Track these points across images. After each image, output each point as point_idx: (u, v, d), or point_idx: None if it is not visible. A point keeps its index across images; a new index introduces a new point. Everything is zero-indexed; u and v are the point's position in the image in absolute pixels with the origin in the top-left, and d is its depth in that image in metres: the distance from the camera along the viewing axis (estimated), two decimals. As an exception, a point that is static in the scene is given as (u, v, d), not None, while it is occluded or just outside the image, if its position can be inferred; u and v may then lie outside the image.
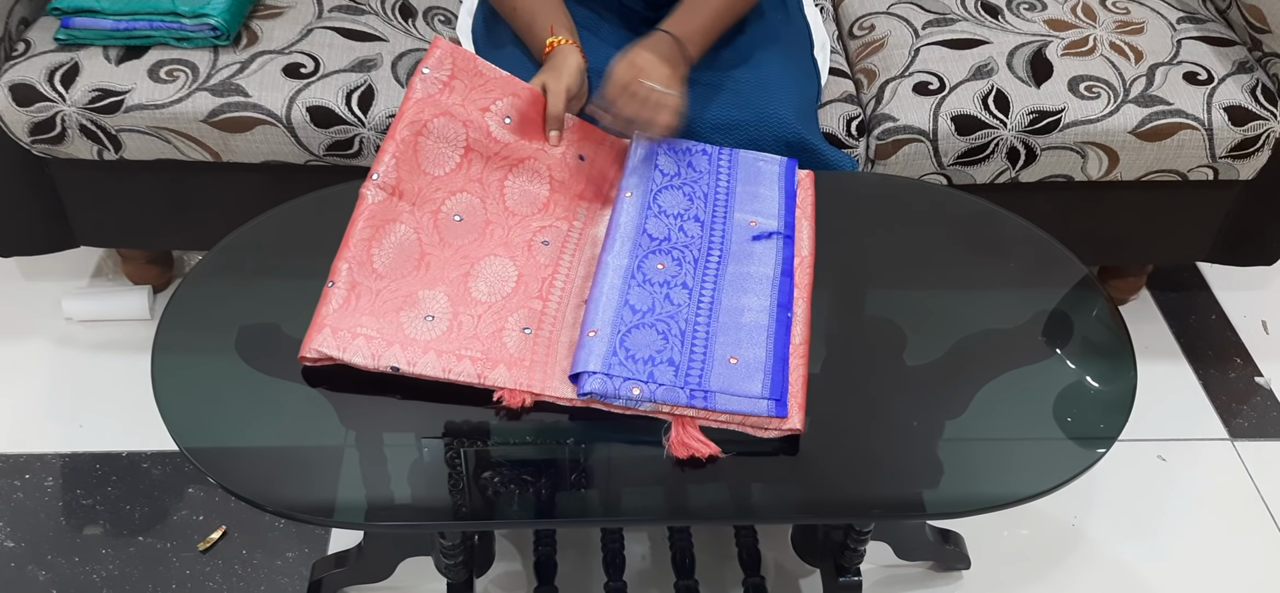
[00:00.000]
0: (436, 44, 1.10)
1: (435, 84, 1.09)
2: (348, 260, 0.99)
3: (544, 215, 1.10)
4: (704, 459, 0.91)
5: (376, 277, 1.00)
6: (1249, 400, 1.64)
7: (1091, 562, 1.40)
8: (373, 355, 0.94)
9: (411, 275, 1.02)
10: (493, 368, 0.95)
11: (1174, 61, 1.47)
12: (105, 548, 1.35)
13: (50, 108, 1.35)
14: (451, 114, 1.08)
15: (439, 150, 1.07)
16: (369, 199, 1.03)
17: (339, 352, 0.93)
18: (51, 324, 1.65)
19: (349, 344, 0.94)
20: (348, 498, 0.90)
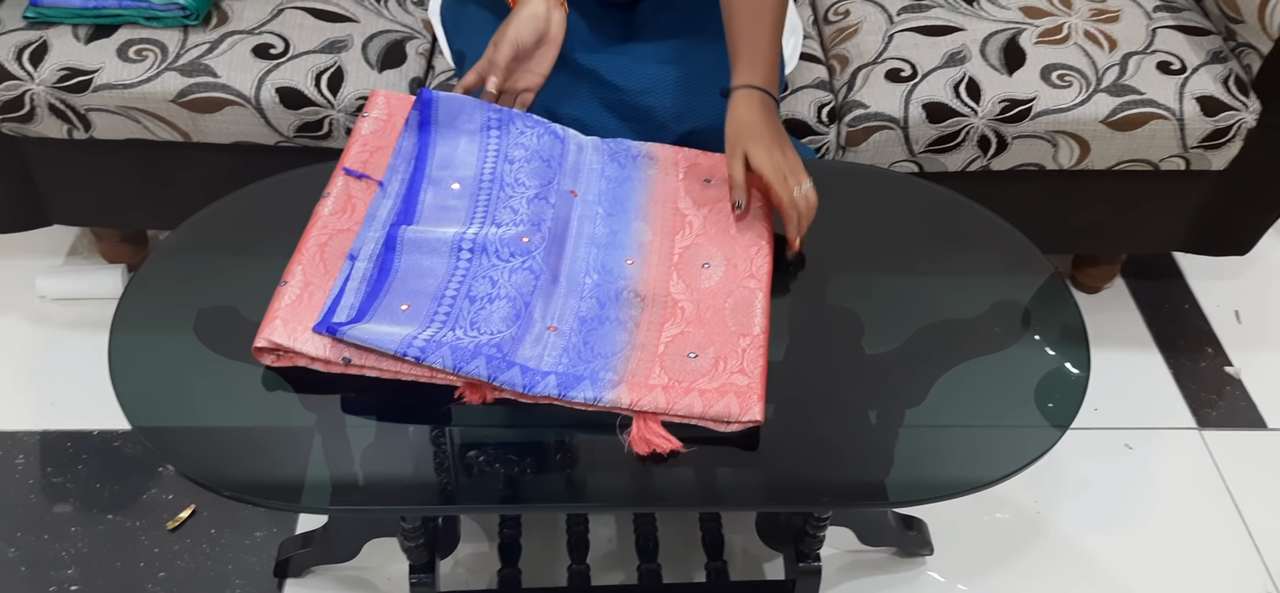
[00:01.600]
0: (373, 96, 1.15)
1: (379, 123, 1.13)
2: (302, 262, 0.99)
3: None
4: (665, 454, 0.91)
5: (329, 277, 0.99)
6: (1218, 390, 1.64)
7: (1055, 549, 1.41)
8: (324, 347, 0.93)
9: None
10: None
11: (1148, 50, 1.47)
12: (75, 526, 1.36)
13: (19, 86, 1.35)
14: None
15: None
16: (324, 213, 1.04)
17: (290, 341, 0.93)
18: (25, 302, 1.65)
19: (299, 336, 0.94)
20: (310, 482, 0.91)
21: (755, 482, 0.97)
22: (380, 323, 0.94)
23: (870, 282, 1.12)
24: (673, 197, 1.12)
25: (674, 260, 1.06)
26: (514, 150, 1.10)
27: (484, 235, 1.02)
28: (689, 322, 1.00)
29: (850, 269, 1.13)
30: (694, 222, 1.09)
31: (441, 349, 0.91)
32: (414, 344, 0.91)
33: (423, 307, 0.96)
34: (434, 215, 1.05)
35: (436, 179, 1.08)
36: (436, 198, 1.06)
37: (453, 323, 0.95)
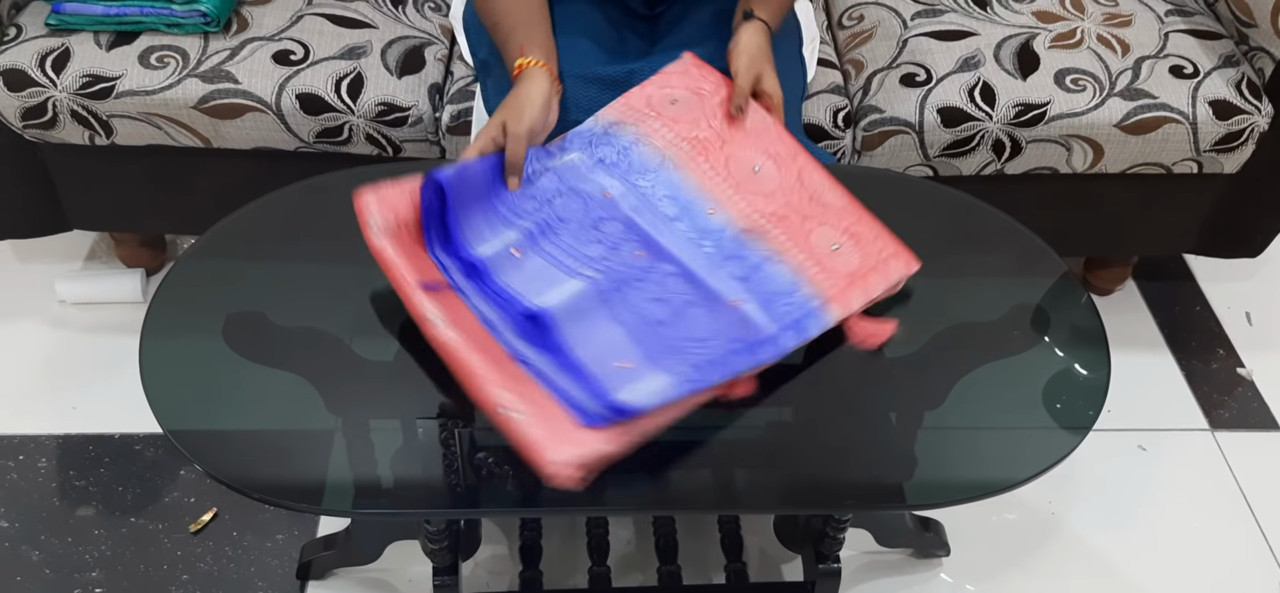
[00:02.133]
0: (363, 204, 0.98)
1: (390, 228, 0.98)
2: (500, 386, 0.88)
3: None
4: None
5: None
6: (1230, 392, 1.65)
7: (1070, 550, 1.42)
8: (615, 437, 0.87)
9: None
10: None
11: (1160, 55, 1.48)
12: (98, 529, 1.37)
13: (41, 93, 1.36)
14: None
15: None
16: (451, 336, 0.91)
17: (586, 454, 0.85)
18: (45, 307, 1.66)
19: (586, 443, 0.86)
20: (334, 484, 0.92)
21: (774, 485, 0.98)
22: (638, 383, 0.90)
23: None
24: (673, 134, 1.12)
25: (732, 183, 1.08)
26: (525, 204, 1.05)
27: (607, 274, 1.00)
28: (796, 222, 1.06)
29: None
30: (709, 140, 1.11)
31: (710, 369, 0.91)
32: (686, 382, 0.90)
33: (639, 354, 0.94)
34: (534, 284, 0.99)
35: (495, 259, 1.01)
36: (520, 272, 1.00)
37: (678, 351, 0.94)
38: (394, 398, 0.98)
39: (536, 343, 0.95)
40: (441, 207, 1.00)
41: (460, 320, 0.93)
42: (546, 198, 1.06)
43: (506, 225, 1.03)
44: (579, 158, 1.09)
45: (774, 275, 1.02)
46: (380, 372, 1.00)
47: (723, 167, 1.10)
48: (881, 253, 1.06)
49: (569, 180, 1.07)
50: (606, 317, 0.98)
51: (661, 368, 0.92)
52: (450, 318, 0.92)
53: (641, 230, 1.04)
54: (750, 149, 1.12)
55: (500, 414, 0.87)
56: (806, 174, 1.11)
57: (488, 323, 0.95)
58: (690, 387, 0.90)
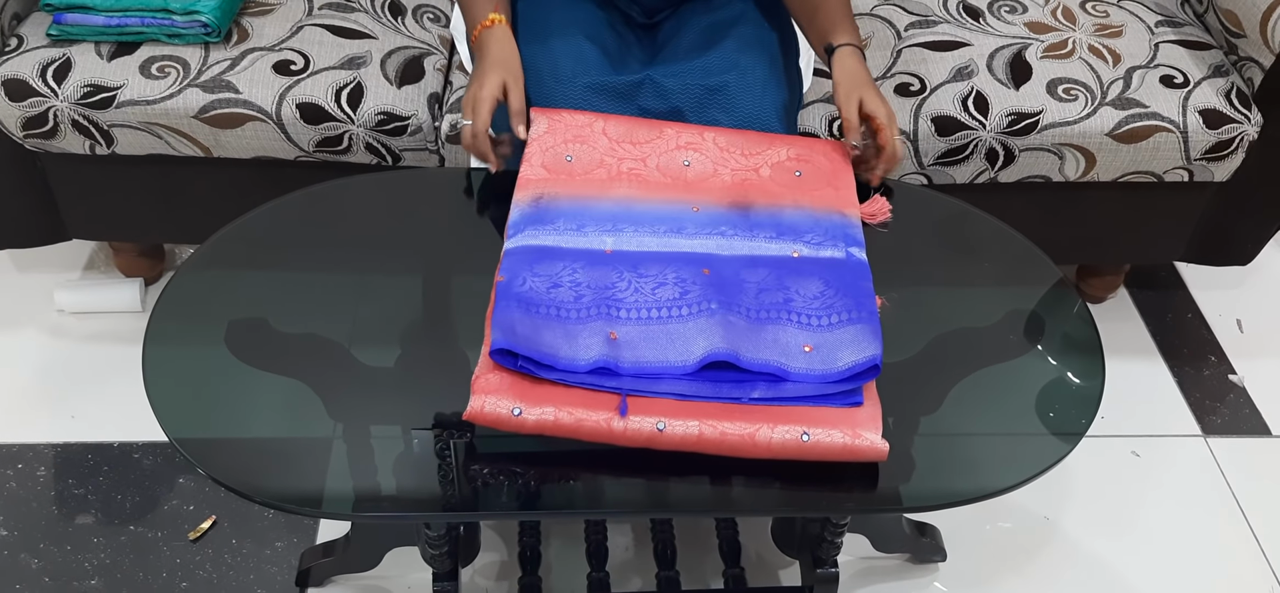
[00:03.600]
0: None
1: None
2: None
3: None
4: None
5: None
6: (1223, 398, 1.67)
7: (1065, 555, 1.43)
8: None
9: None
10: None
11: (1151, 65, 1.50)
12: (97, 537, 1.37)
13: (42, 103, 1.37)
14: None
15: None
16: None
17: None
18: (44, 316, 1.66)
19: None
20: (335, 489, 0.92)
21: (772, 488, 0.98)
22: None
23: (884, 291, 1.13)
24: (588, 180, 1.14)
25: (679, 184, 1.14)
26: (576, 300, 1.02)
27: (705, 295, 1.01)
28: (755, 179, 1.16)
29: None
30: (627, 170, 1.15)
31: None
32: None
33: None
34: (664, 346, 0.97)
35: (604, 353, 0.97)
36: (634, 347, 0.97)
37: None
38: (394, 404, 0.99)
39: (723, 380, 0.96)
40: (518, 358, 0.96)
41: None
42: (579, 285, 1.02)
43: (581, 324, 0.98)
44: (542, 241, 1.06)
45: (794, 219, 1.11)
46: (381, 378, 1.01)
47: (657, 174, 1.14)
48: (821, 150, 1.18)
49: (564, 261, 1.05)
50: (746, 321, 1.00)
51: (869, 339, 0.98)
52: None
53: (677, 256, 1.05)
54: (666, 154, 1.16)
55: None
56: (720, 137, 1.18)
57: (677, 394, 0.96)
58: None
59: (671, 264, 1.04)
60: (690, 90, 1.22)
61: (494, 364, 0.94)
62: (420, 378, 1.02)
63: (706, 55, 1.25)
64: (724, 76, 1.23)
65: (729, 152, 1.17)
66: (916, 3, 1.60)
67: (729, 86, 1.22)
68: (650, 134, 1.17)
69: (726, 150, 1.17)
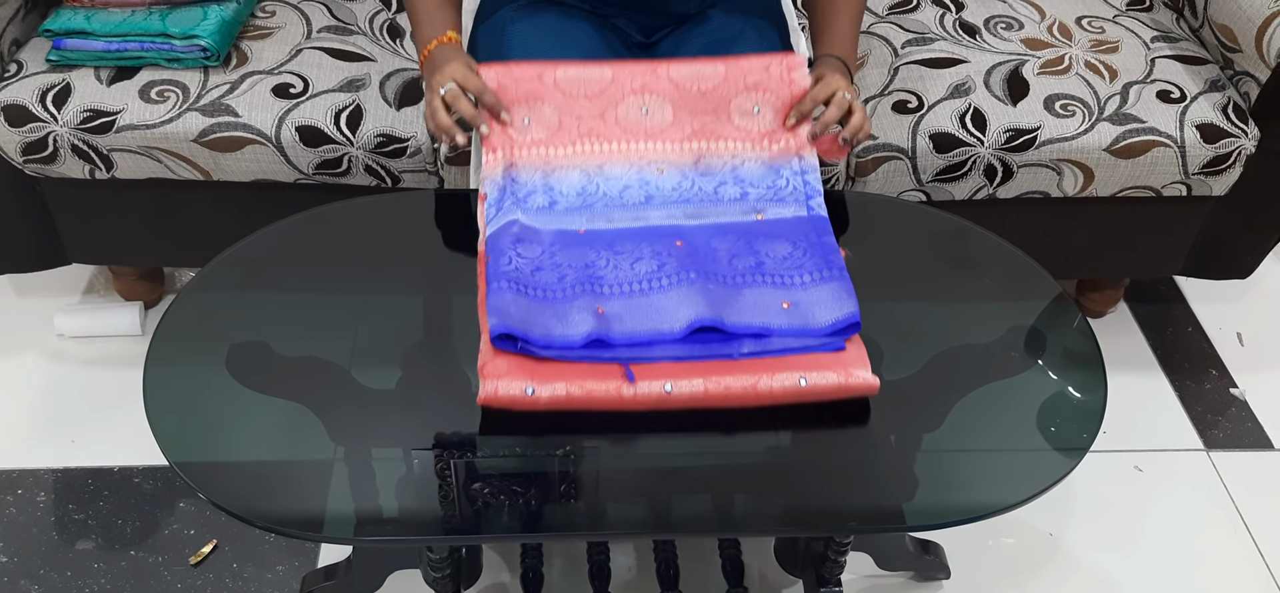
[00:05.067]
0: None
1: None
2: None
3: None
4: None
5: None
6: (1224, 412, 1.66)
7: (1069, 571, 1.43)
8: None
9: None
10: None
11: (1148, 80, 1.51)
12: (97, 563, 1.37)
13: (42, 128, 1.37)
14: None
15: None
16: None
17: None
18: (44, 340, 1.66)
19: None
20: (336, 512, 0.92)
21: (775, 508, 0.98)
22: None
23: (884, 308, 1.14)
24: (551, 147, 1.15)
25: (639, 134, 1.15)
26: (561, 280, 1.06)
27: (683, 265, 1.05)
28: (713, 118, 1.17)
29: (864, 297, 1.14)
30: (584, 125, 1.15)
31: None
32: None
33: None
34: (647, 316, 1.01)
35: (595, 328, 1.00)
36: (621, 321, 1.00)
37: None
38: (395, 426, 0.99)
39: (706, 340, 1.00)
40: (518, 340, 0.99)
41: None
42: (561, 266, 1.06)
43: (568, 302, 1.01)
44: (520, 219, 1.10)
45: (754, 175, 1.14)
46: (381, 400, 1.00)
47: (617, 130, 1.15)
48: (776, 73, 1.16)
49: (542, 244, 1.08)
50: (723, 288, 1.03)
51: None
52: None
53: (650, 231, 1.09)
54: (623, 103, 1.15)
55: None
56: (674, 71, 1.16)
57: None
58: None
59: (645, 240, 1.08)
60: None
61: (496, 349, 0.96)
62: (421, 400, 1.02)
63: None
64: None
65: (685, 90, 1.15)
66: (913, 21, 1.61)
67: None
68: (603, 81, 1.15)
69: (682, 89, 1.15)
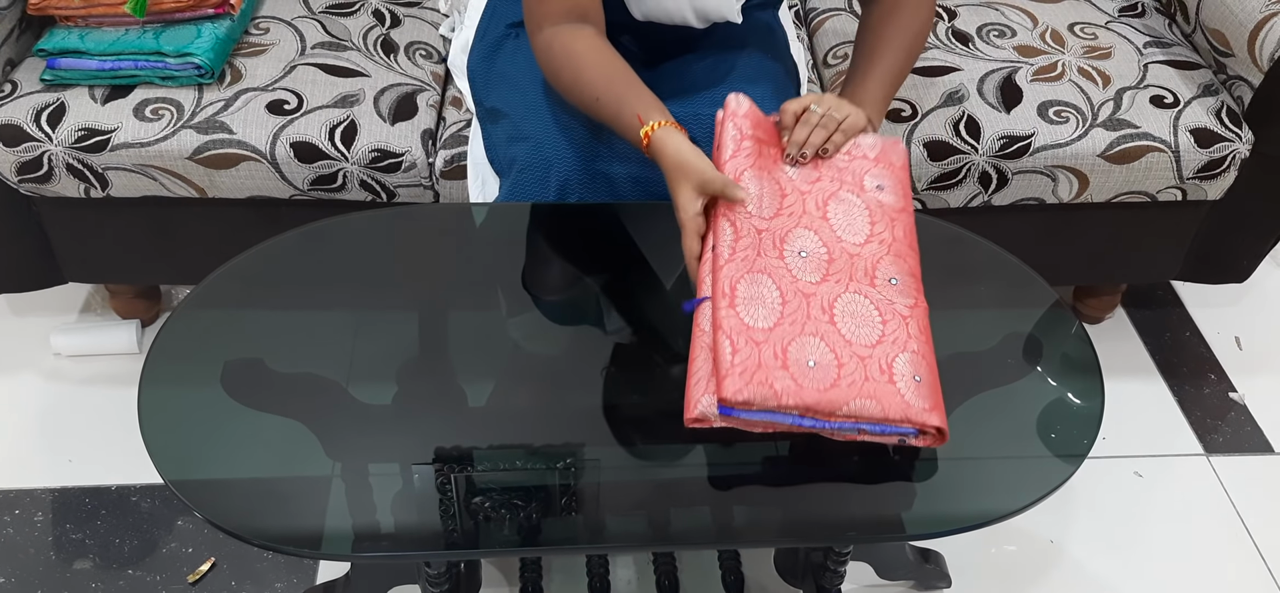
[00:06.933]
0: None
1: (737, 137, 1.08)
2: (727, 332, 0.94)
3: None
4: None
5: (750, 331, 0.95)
6: (1223, 416, 1.66)
7: (1070, 578, 1.42)
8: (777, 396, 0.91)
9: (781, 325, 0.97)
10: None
11: (1141, 85, 1.51)
12: (95, 582, 1.36)
13: (37, 148, 1.37)
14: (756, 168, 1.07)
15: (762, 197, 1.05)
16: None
17: (748, 394, 0.90)
18: (40, 359, 1.66)
19: (757, 392, 0.91)
20: (334, 529, 0.92)
21: (774, 518, 0.98)
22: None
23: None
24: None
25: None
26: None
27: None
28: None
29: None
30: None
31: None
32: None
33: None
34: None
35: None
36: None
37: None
38: (392, 442, 0.98)
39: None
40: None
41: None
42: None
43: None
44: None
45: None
46: (378, 416, 1.00)
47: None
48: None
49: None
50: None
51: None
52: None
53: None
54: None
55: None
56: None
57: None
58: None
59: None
60: (701, 120, 1.21)
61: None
62: (418, 415, 1.02)
63: (714, 89, 1.25)
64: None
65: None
66: (907, 29, 1.61)
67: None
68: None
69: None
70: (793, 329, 0.96)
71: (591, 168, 1.19)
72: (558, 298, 1.16)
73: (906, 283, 1.03)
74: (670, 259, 1.16)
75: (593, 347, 1.09)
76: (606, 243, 1.20)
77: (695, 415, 0.92)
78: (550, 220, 1.21)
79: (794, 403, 0.91)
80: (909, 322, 1.00)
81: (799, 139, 1.09)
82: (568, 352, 1.10)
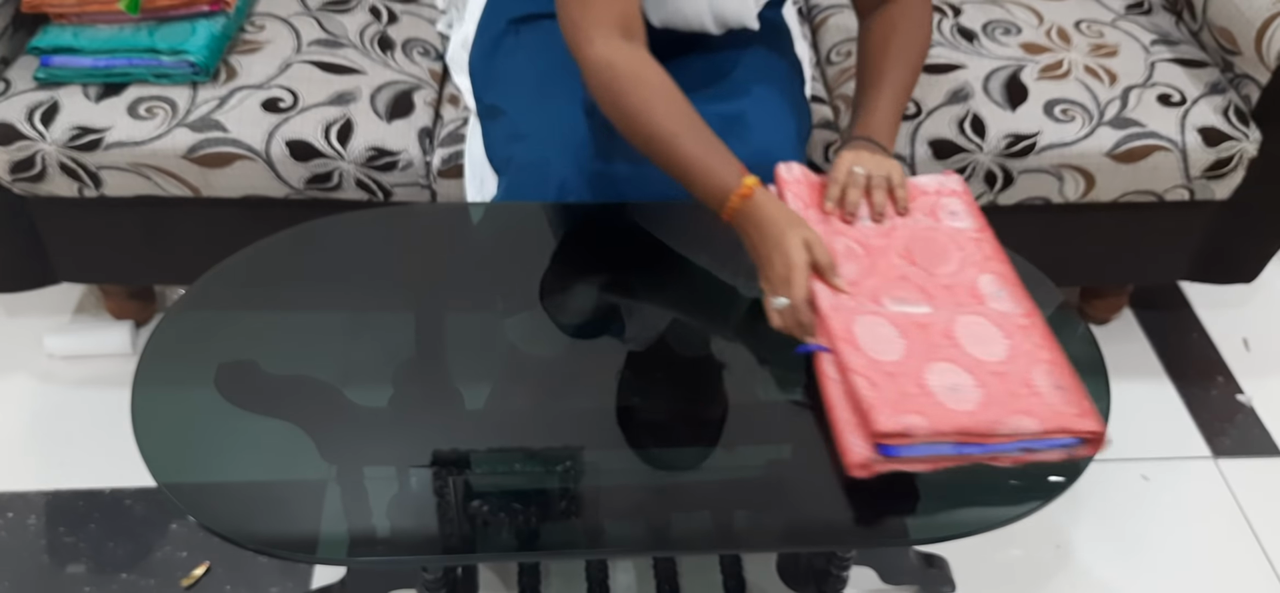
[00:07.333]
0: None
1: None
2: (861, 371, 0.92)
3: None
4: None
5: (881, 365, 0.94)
6: (1231, 418, 1.65)
7: (1077, 582, 1.41)
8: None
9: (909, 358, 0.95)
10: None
11: (1147, 84, 1.49)
12: (88, 586, 1.35)
13: (30, 146, 1.35)
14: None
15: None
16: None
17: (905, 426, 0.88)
18: (33, 361, 1.64)
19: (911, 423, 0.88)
20: (329, 533, 0.90)
21: (777, 523, 0.96)
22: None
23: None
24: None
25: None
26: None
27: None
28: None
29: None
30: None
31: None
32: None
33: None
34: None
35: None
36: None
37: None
38: (388, 445, 0.97)
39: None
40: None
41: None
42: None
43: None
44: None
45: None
46: (374, 419, 0.98)
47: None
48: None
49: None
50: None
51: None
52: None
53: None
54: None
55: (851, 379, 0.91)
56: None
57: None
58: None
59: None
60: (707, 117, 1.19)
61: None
62: (414, 418, 1.00)
63: (718, 85, 1.23)
64: (739, 103, 1.21)
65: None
66: (910, 27, 1.59)
67: (746, 115, 1.20)
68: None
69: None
70: (922, 358, 0.94)
71: (591, 167, 1.17)
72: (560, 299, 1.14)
73: (1013, 293, 1.02)
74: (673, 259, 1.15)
75: (591, 348, 1.07)
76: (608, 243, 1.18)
77: (859, 461, 0.89)
78: (552, 220, 1.19)
79: (949, 428, 0.89)
80: (1031, 332, 0.98)
81: (854, 201, 1.08)
82: (568, 353, 1.08)
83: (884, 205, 1.09)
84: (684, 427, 0.98)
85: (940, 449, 0.90)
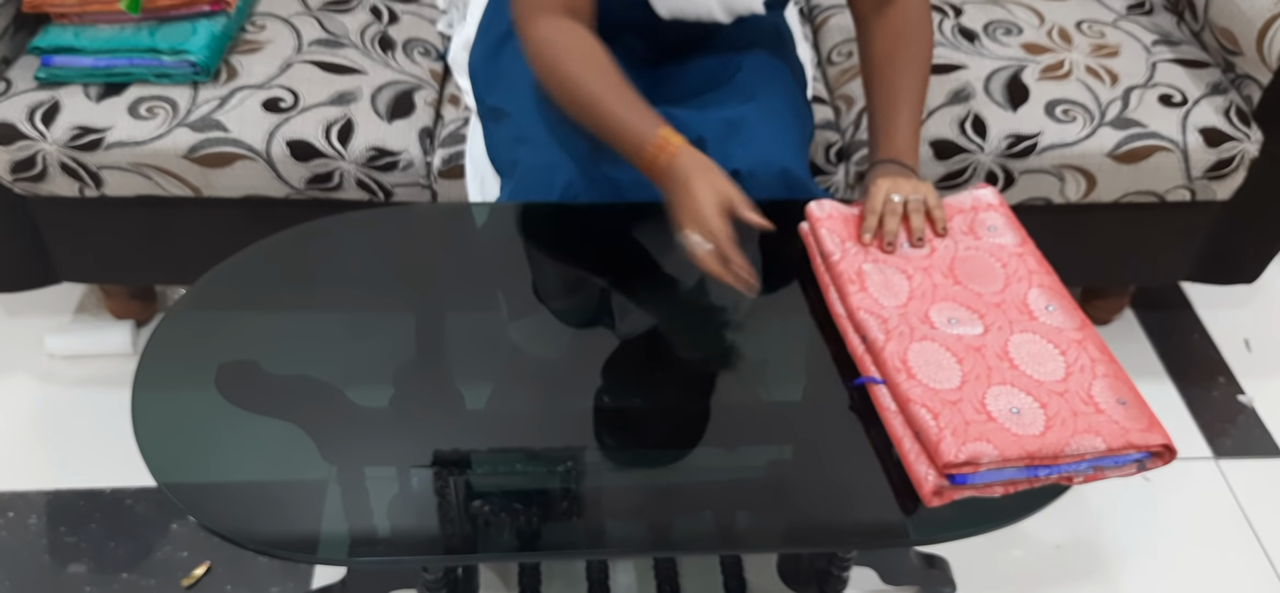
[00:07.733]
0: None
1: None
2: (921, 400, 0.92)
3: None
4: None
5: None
6: (1233, 419, 1.64)
7: (1077, 583, 1.41)
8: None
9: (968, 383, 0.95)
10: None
11: (1149, 84, 1.49)
12: (89, 586, 1.35)
13: (31, 146, 1.35)
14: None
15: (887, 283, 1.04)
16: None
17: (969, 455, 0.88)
18: (34, 361, 1.64)
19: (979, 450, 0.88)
20: (330, 533, 0.90)
21: (777, 523, 0.96)
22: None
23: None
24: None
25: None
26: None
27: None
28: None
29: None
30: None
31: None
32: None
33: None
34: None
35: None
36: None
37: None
38: (389, 445, 0.97)
39: None
40: None
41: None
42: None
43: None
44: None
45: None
46: (375, 419, 0.98)
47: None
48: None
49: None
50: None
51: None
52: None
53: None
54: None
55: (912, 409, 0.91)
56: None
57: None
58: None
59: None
60: (710, 122, 1.19)
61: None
62: (415, 418, 1.00)
63: (721, 89, 1.23)
64: (742, 109, 1.21)
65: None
66: (911, 27, 1.59)
67: (749, 121, 1.20)
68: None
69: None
70: (981, 382, 0.94)
71: (596, 171, 1.17)
72: (562, 300, 1.14)
73: (1064, 305, 1.02)
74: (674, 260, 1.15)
75: (593, 349, 1.07)
76: (611, 244, 1.18)
77: (933, 490, 0.89)
78: (554, 221, 1.19)
79: (1016, 453, 0.88)
80: (1086, 345, 0.98)
81: (892, 229, 1.07)
82: (568, 354, 1.08)
83: (923, 229, 1.09)
84: (685, 427, 0.98)
85: (1010, 474, 0.90)
